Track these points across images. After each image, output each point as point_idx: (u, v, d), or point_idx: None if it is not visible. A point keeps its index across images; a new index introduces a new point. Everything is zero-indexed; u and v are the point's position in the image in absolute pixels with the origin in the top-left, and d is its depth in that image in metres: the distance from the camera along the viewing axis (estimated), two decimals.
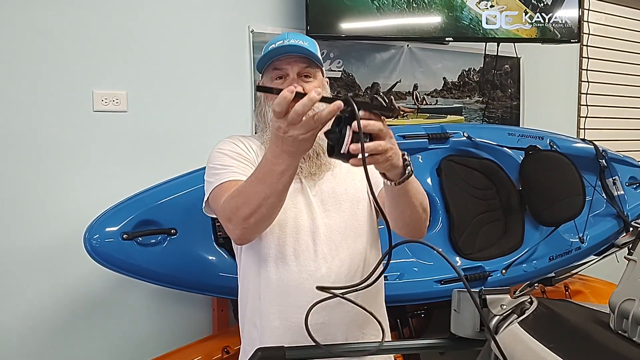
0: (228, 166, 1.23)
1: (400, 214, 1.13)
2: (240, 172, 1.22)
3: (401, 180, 1.03)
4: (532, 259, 2.16)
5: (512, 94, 2.98)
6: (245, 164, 1.25)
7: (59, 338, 1.83)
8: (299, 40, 1.28)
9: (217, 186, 1.21)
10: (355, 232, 1.28)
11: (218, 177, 1.22)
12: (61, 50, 1.80)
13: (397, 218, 1.14)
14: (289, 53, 1.24)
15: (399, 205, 1.11)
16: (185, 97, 2.03)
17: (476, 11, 2.44)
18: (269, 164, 1.02)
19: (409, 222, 1.15)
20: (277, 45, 1.26)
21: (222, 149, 1.28)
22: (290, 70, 1.25)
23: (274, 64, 1.27)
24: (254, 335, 1.26)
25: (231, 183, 1.19)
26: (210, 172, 1.26)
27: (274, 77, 1.27)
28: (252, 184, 1.07)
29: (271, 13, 2.21)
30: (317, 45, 1.33)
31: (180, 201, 1.63)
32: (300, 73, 1.26)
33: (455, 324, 1.05)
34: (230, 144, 1.30)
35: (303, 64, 1.26)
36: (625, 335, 0.85)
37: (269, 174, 1.03)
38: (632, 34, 3.53)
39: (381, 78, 2.52)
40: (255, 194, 1.06)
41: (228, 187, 1.18)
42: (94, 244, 1.52)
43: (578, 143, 2.57)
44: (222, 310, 1.99)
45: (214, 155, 1.28)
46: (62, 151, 1.81)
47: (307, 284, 1.21)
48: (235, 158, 1.25)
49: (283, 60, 1.25)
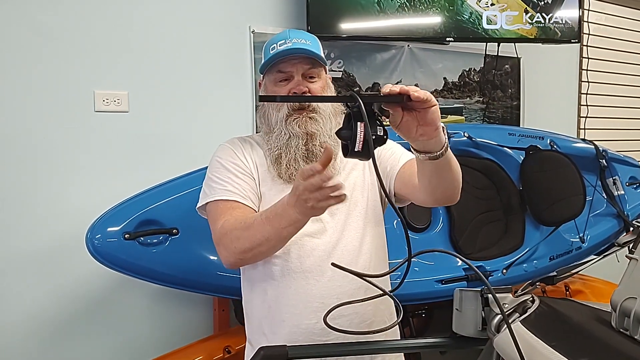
0: (223, 182, 1.23)
1: (440, 184, 1.12)
2: (235, 190, 1.22)
3: (443, 152, 1.03)
4: (533, 259, 2.16)
5: (512, 94, 2.98)
6: (241, 179, 1.24)
7: (61, 338, 1.83)
8: (301, 39, 1.26)
9: (211, 201, 1.23)
10: (360, 232, 1.27)
11: (213, 191, 1.23)
12: (62, 50, 1.81)
13: (434, 190, 1.14)
14: (293, 54, 1.23)
15: (441, 177, 1.10)
16: (187, 97, 2.03)
17: (477, 11, 2.44)
18: (282, 209, 1.04)
19: (448, 189, 1.15)
20: (280, 47, 1.24)
21: (220, 159, 1.28)
22: (295, 73, 1.25)
23: (277, 66, 1.26)
24: (263, 343, 1.22)
25: (225, 204, 1.20)
26: (207, 182, 1.27)
27: (278, 80, 1.26)
28: (259, 222, 1.08)
29: (272, 13, 2.21)
30: (319, 42, 1.32)
31: (182, 201, 1.63)
32: (305, 74, 1.25)
33: (457, 322, 1.05)
34: (230, 151, 1.29)
35: (307, 65, 1.25)
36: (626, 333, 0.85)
37: (279, 218, 1.05)
38: (632, 34, 3.53)
39: (382, 78, 2.52)
40: (259, 232, 1.08)
41: (223, 209, 1.20)
42: (95, 243, 1.52)
43: (578, 143, 2.57)
44: (223, 310, 1.99)
45: (213, 164, 1.29)
46: (64, 151, 1.82)
47: (315, 289, 1.21)
48: (232, 171, 1.25)
49: (287, 62, 1.24)
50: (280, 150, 1.25)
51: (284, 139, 1.24)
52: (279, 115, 1.25)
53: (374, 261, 1.29)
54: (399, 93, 0.91)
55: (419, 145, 1.03)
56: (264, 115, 1.32)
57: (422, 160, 1.05)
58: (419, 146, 1.03)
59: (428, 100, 0.93)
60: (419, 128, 0.96)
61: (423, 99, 0.92)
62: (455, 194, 1.18)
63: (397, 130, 0.97)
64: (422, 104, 0.93)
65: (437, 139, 1.00)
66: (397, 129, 0.97)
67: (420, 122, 0.96)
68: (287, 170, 1.24)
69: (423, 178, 1.12)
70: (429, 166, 1.06)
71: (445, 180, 1.12)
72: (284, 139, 1.24)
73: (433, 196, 1.17)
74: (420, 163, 1.08)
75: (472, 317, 1.02)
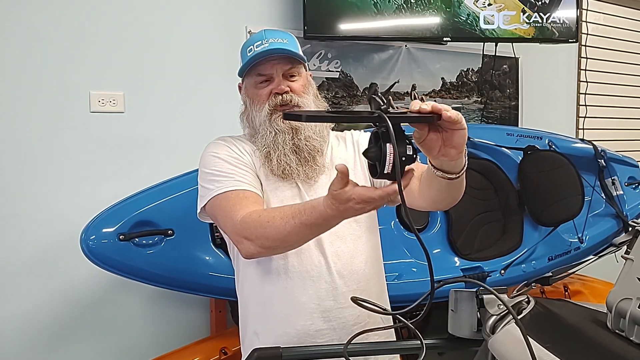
0: (229, 174, 1.20)
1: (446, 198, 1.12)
2: (244, 180, 1.19)
3: (461, 174, 1.01)
4: (531, 259, 2.16)
5: (510, 94, 2.98)
6: (244, 170, 1.22)
7: (55, 341, 1.82)
8: (278, 38, 1.24)
9: (219, 194, 1.17)
10: (355, 234, 1.27)
11: (219, 184, 1.18)
12: (58, 51, 1.80)
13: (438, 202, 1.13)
14: (271, 54, 1.22)
15: (449, 193, 1.09)
16: (183, 97, 2.02)
17: (474, 11, 2.44)
18: (321, 219, 1.00)
19: (452, 202, 1.14)
20: (258, 48, 1.22)
21: (217, 153, 1.24)
22: (275, 74, 1.23)
23: (257, 69, 1.24)
24: (255, 344, 1.22)
25: (237, 193, 1.16)
26: (207, 178, 1.22)
27: (258, 82, 1.25)
28: (293, 225, 1.04)
29: (268, 13, 2.20)
30: (296, 40, 1.30)
31: (177, 202, 1.62)
32: (285, 74, 1.24)
33: (453, 324, 1.04)
34: (224, 147, 1.27)
35: (286, 65, 1.24)
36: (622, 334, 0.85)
37: (318, 226, 1.03)
38: (631, 33, 3.53)
39: (379, 78, 2.51)
40: (294, 234, 1.05)
41: (236, 199, 1.15)
42: (90, 245, 1.52)
43: (577, 143, 2.57)
44: (219, 311, 1.99)
45: (209, 160, 1.24)
46: (59, 152, 1.81)
47: (311, 290, 1.21)
48: (234, 164, 1.22)
49: (266, 64, 1.23)
50: (269, 148, 1.23)
51: (270, 137, 1.23)
52: (261, 115, 1.24)
53: (370, 262, 1.28)
54: (430, 112, 0.87)
55: (437, 164, 1.00)
56: (247, 118, 1.30)
57: (436, 176, 1.02)
58: (437, 164, 1.00)
59: (459, 122, 0.89)
60: (443, 148, 0.92)
61: (455, 120, 0.88)
62: (454, 204, 1.17)
63: (420, 145, 0.94)
64: (452, 124, 0.88)
65: (459, 162, 0.98)
66: (419, 145, 0.94)
67: (445, 142, 0.92)
68: (278, 166, 1.22)
69: (430, 190, 1.10)
70: (441, 183, 1.03)
71: (452, 195, 1.11)
72: (270, 136, 1.23)
73: (434, 206, 1.17)
74: (432, 176, 1.04)
75: (467, 318, 1.01)
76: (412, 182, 1.14)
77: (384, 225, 1.38)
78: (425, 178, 1.10)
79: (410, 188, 1.15)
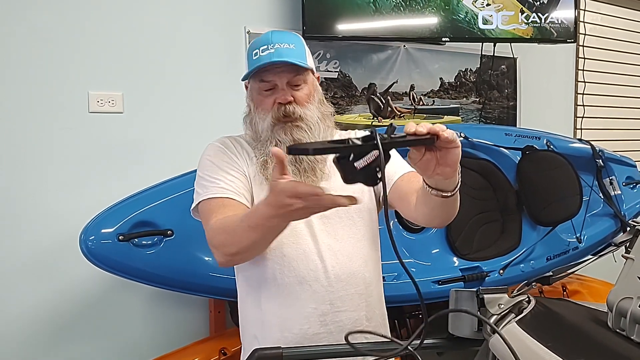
0: (215, 179, 1.21)
1: (440, 215, 1.12)
2: (229, 188, 1.20)
3: (455, 192, 1.02)
4: (530, 259, 2.16)
5: (508, 94, 2.98)
6: (233, 176, 1.22)
7: (55, 341, 1.82)
8: (284, 43, 1.20)
9: (204, 200, 1.20)
10: (354, 237, 1.26)
11: (205, 189, 1.21)
12: (56, 51, 1.80)
13: (432, 218, 1.14)
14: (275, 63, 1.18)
15: (444, 210, 1.09)
16: (182, 98, 2.02)
17: (473, 11, 2.44)
18: (262, 219, 1.00)
19: (447, 219, 1.14)
20: (263, 52, 1.19)
21: (210, 157, 1.26)
22: (279, 82, 1.21)
23: (261, 75, 1.21)
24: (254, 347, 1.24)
25: (217, 201, 1.18)
26: (198, 182, 1.25)
27: (263, 89, 1.23)
28: (243, 229, 1.05)
29: (267, 14, 2.20)
30: (304, 44, 1.26)
31: (177, 202, 1.62)
32: (290, 82, 1.21)
33: (453, 323, 1.04)
34: (220, 150, 1.27)
35: (291, 73, 1.21)
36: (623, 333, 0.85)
37: (261, 227, 1.02)
38: (628, 34, 3.54)
39: (378, 79, 2.51)
40: (245, 238, 1.05)
41: (215, 206, 1.17)
42: (89, 245, 1.51)
43: (575, 143, 2.57)
44: (219, 311, 1.98)
45: (203, 163, 1.26)
46: (58, 152, 1.80)
47: (308, 294, 1.21)
48: (224, 169, 1.23)
49: (270, 72, 1.20)
50: (267, 157, 1.22)
51: (270, 147, 1.21)
52: (264, 124, 1.23)
53: (369, 265, 1.28)
54: (427, 133, 0.87)
55: (432, 183, 1.01)
56: (250, 122, 1.29)
57: (431, 195, 1.03)
58: (432, 183, 1.01)
59: (454, 141, 0.90)
60: (438, 167, 0.93)
61: (451, 139, 0.89)
62: (449, 221, 1.17)
63: (415, 166, 0.95)
64: (447, 144, 0.89)
65: (453, 180, 0.99)
66: (414, 165, 0.94)
67: (440, 161, 0.92)
68: None
69: (424, 207, 1.11)
70: (436, 201, 1.04)
71: (447, 213, 1.11)
72: (271, 146, 1.21)
73: (430, 223, 1.19)
74: (427, 195, 1.05)
75: (467, 317, 1.01)
76: (410, 196, 1.15)
77: (383, 226, 1.38)
78: (421, 196, 1.10)
79: (408, 201, 1.17)
